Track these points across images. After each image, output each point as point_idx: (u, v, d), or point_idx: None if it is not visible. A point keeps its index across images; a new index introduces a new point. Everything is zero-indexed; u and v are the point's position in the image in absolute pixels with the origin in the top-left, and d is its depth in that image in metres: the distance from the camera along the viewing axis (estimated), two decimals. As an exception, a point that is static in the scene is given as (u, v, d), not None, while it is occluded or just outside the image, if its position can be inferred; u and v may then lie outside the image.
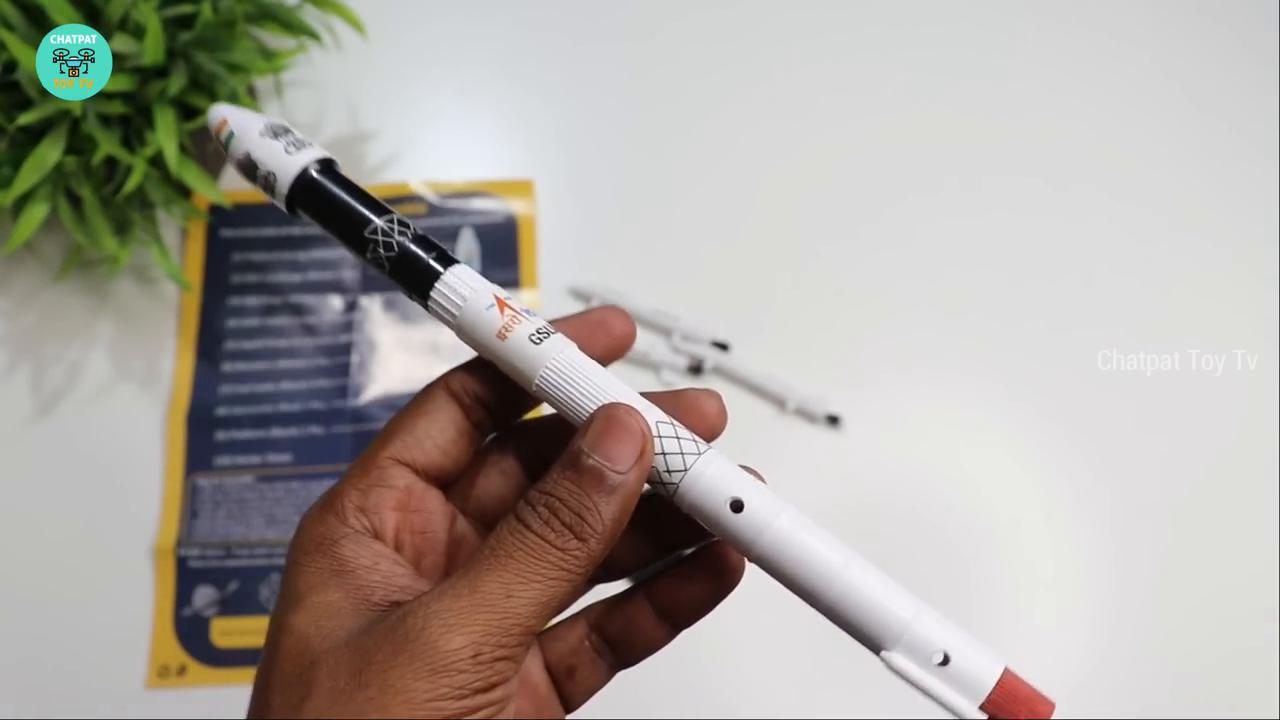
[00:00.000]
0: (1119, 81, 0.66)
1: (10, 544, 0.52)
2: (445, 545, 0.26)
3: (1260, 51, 0.67)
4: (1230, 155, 0.65)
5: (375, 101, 0.62)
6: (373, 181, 0.60)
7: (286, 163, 0.25)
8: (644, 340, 0.57)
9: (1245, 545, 0.55)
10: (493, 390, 0.26)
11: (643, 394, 0.25)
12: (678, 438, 0.24)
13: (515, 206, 0.60)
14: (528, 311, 0.25)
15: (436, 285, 0.25)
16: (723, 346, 0.57)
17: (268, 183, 0.26)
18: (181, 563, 0.52)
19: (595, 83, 0.64)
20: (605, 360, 0.26)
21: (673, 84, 0.64)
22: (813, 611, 0.24)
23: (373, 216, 0.25)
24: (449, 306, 0.25)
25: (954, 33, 0.67)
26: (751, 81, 0.65)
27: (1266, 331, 0.60)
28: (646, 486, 0.24)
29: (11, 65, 0.45)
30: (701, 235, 0.61)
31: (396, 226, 0.25)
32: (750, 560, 0.24)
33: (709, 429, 0.26)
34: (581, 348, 0.25)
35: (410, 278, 0.25)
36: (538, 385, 0.24)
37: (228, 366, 0.56)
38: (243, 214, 0.58)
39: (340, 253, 0.58)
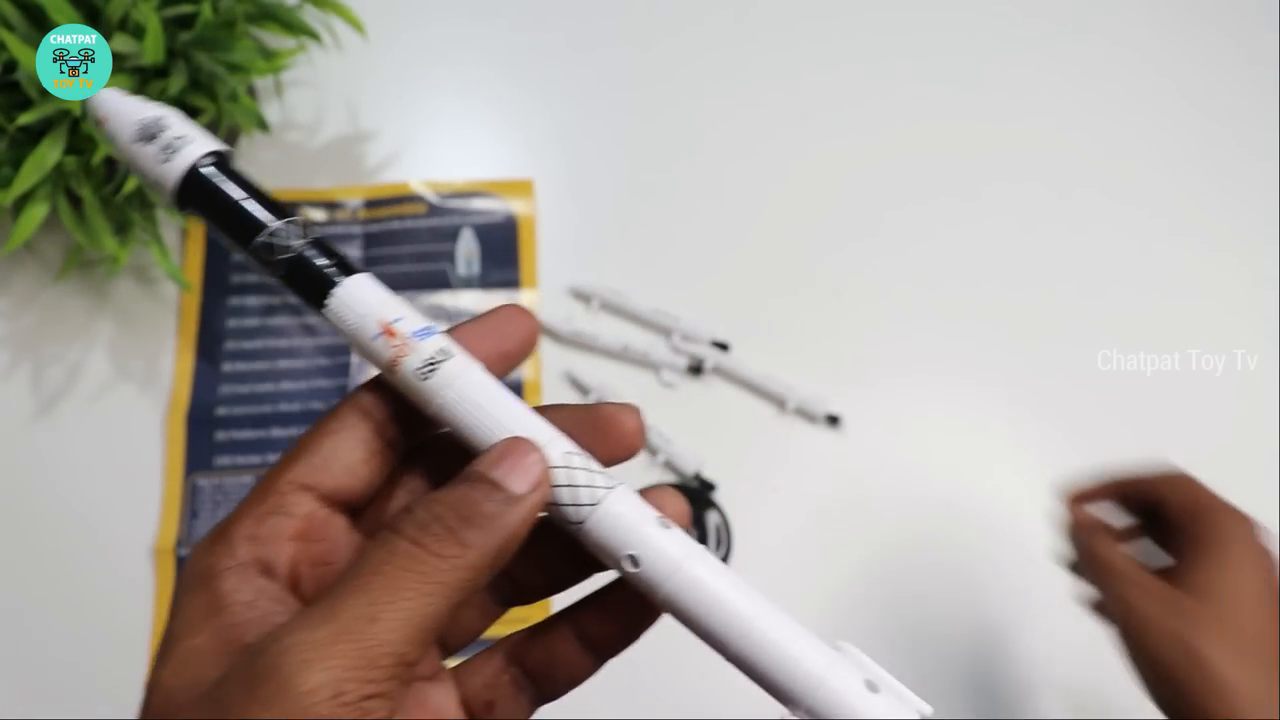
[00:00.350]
0: (1118, 85, 0.66)
1: (11, 544, 0.52)
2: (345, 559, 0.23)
3: (1259, 55, 0.67)
4: (1230, 157, 0.65)
5: (375, 101, 0.62)
6: (373, 181, 0.60)
7: (163, 172, 0.24)
8: (644, 340, 0.57)
9: (1245, 545, 0.55)
10: (407, 407, 0.24)
11: (556, 405, 0.24)
12: (588, 469, 0.22)
13: (515, 206, 0.60)
14: (422, 332, 0.23)
15: (327, 302, 0.23)
16: (723, 346, 0.57)
17: (155, 188, 0.24)
18: (181, 562, 0.52)
19: (595, 83, 0.64)
20: (513, 361, 0.24)
21: (673, 84, 0.64)
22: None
23: (265, 221, 0.24)
24: (340, 325, 0.23)
25: (954, 40, 0.67)
26: (752, 82, 0.65)
27: (1266, 331, 0.60)
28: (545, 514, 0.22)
29: (12, 65, 0.45)
30: (701, 235, 0.61)
31: (291, 231, 0.24)
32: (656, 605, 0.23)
33: (626, 447, 0.24)
34: (485, 354, 0.24)
35: (303, 288, 0.24)
36: (435, 416, 0.23)
37: (228, 366, 0.56)
38: (243, 214, 0.58)
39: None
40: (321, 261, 0.24)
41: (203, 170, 0.24)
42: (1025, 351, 0.59)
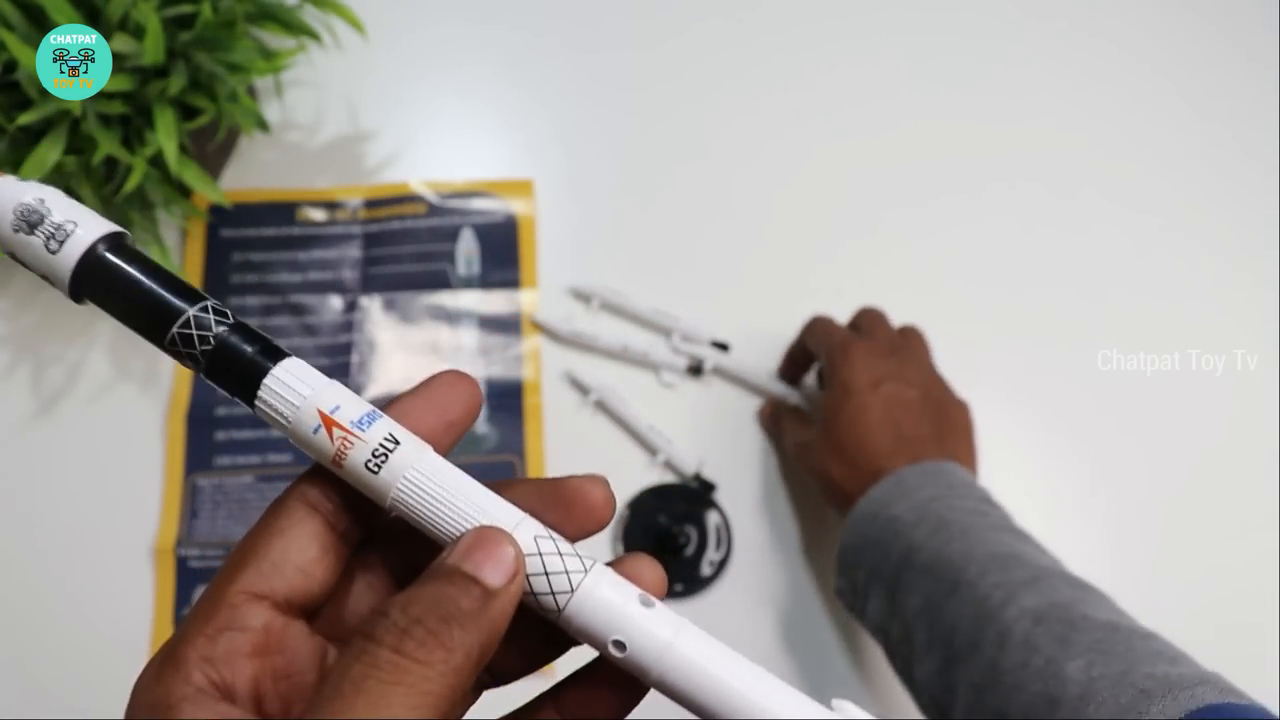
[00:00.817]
0: (1118, 85, 0.66)
1: (11, 543, 0.52)
2: (316, 689, 0.21)
3: (1259, 56, 0.67)
4: (1230, 158, 0.65)
5: (375, 101, 0.62)
6: (373, 181, 0.60)
7: (54, 264, 0.21)
8: (644, 340, 0.57)
9: (1245, 545, 0.55)
10: (351, 494, 0.22)
11: (518, 480, 0.23)
12: (559, 553, 0.21)
13: (515, 206, 0.60)
14: (365, 419, 0.21)
15: (259, 394, 0.21)
16: (723, 347, 0.57)
17: (45, 279, 0.22)
18: (181, 562, 0.52)
19: (595, 83, 0.64)
20: (459, 429, 0.23)
21: (673, 85, 0.64)
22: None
23: (179, 307, 0.21)
24: (277, 419, 0.21)
25: (955, 41, 0.67)
26: (753, 83, 0.65)
27: (1266, 332, 0.60)
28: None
29: (12, 65, 0.45)
30: (702, 235, 0.61)
31: (210, 317, 0.21)
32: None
33: (595, 521, 0.23)
34: (429, 427, 0.22)
35: (230, 380, 0.22)
36: (389, 510, 0.21)
37: (228, 366, 0.56)
38: (242, 214, 0.58)
39: (340, 253, 0.58)
40: (246, 348, 0.21)
41: (102, 255, 0.21)
42: (1025, 351, 0.59)
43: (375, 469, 0.21)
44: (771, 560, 0.53)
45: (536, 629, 0.22)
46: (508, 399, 0.56)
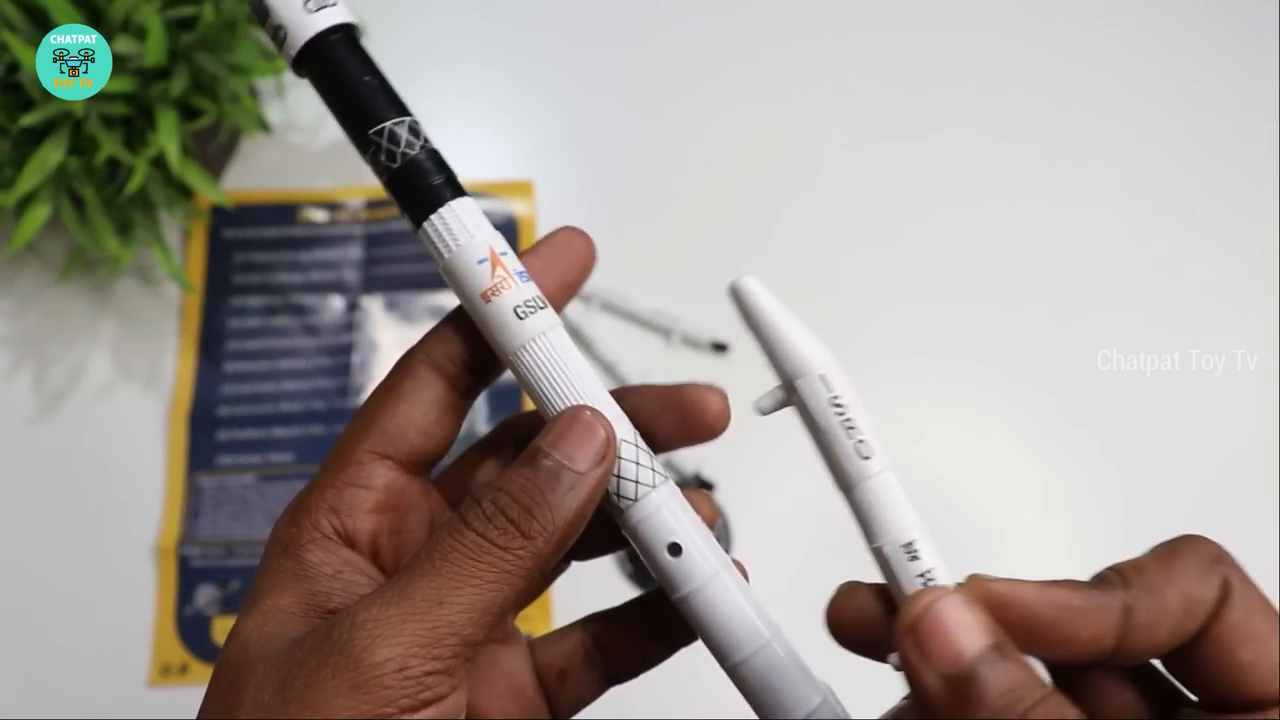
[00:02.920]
0: (1118, 84, 0.66)
1: (12, 543, 0.52)
2: (421, 522, 0.24)
3: (1260, 52, 0.67)
4: (1230, 157, 0.65)
5: (376, 102, 0.62)
6: (374, 182, 0.60)
7: (302, 21, 0.22)
8: (642, 343, 0.57)
9: (1245, 545, 0.55)
10: (477, 350, 0.24)
11: (639, 386, 0.24)
12: (637, 463, 0.22)
13: (515, 207, 0.60)
14: (522, 275, 0.23)
15: (431, 217, 0.22)
16: (722, 347, 0.57)
17: (277, 35, 0.22)
18: (183, 562, 0.52)
19: (596, 84, 0.64)
20: (573, 289, 0.24)
21: (673, 86, 0.64)
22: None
23: (384, 114, 0.23)
24: (439, 244, 0.22)
25: (959, 43, 0.67)
26: (752, 84, 0.65)
27: (1266, 331, 0.60)
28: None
29: (14, 67, 0.45)
30: (702, 236, 0.61)
31: (406, 134, 0.23)
32: (672, 602, 0.23)
33: (709, 427, 0.24)
34: (549, 286, 0.23)
35: (408, 197, 0.23)
36: (512, 361, 0.22)
37: (229, 366, 0.56)
38: (244, 215, 0.59)
39: (342, 254, 0.58)
40: (435, 176, 0.23)
41: (342, 39, 0.22)
42: (1026, 350, 0.59)
43: (522, 315, 0.22)
44: (771, 560, 0.53)
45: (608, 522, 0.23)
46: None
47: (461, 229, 0.22)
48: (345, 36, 0.23)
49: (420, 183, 0.23)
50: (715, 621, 0.22)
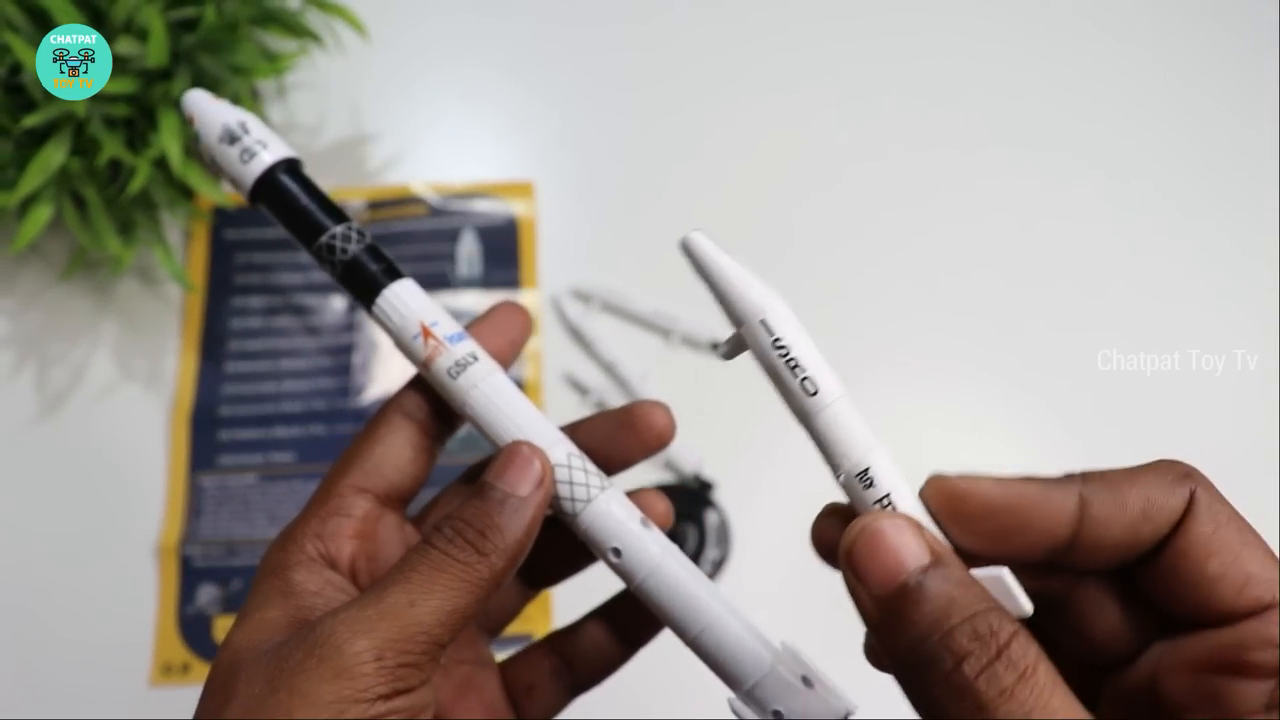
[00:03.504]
0: (1118, 83, 0.67)
1: (14, 543, 0.52)
2: (399, 551, 0.27)
3: (1258, 56, 0.67)
4: (1230, 154, 0.65)
5: (377, 103, 0.62)
6: (375, 183, 0.60)
7: (242, 171, 0.27)
8: (645, 341, 0.57)
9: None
10: (441, 401, 0.27)
11: (592, 416, 0.28)
12: (571, 482, 0.25)
13: (516, 208, 0.60)
14: (454, 338, 0.26)
15: (376, 303, 0.27)
16: (723, 347, 0.57)
17: (234, 184, 0.27)
18: (185, 561, 0.52)
19: (596, 84, 0.64)
20: (518, 348, 0.28)
21: (674, 86, 0.65)
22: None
23: (326, 225, 0.27)
24: (386, 324, 0.27)
25: (955, 39, 0.67)
26: (752, 84, 0.65)
27: (1266, 331, 0.60)
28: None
29: (16, 68, 0.45)
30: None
31: (347, 238, 0.27)
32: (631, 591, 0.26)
33: (658, 438, 0.27)
34: (497, 345, 0.27)
35: (357, 287, 0.27)
36: (460, 410, 0.26)
37: (231, 366, 0.56)
38: (246, 215, 0.59)
39: (342, 254, 0.59)
40: (373, 266, 0.27)
41: (278, 175, 0.27)
42: (1025, 351, 0.59)
43: (454, 375, 0.26)
44: (771, 560, 0.53)
45: (569, 542, 0.26)
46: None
47: (395, 311, 0.27)
48: (285, 169, 0.27)
49: (363, 274, 0.27)
50: (666, 603, 0.24)
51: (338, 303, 0.58)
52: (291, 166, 0.27)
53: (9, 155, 0.47)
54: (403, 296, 0.27)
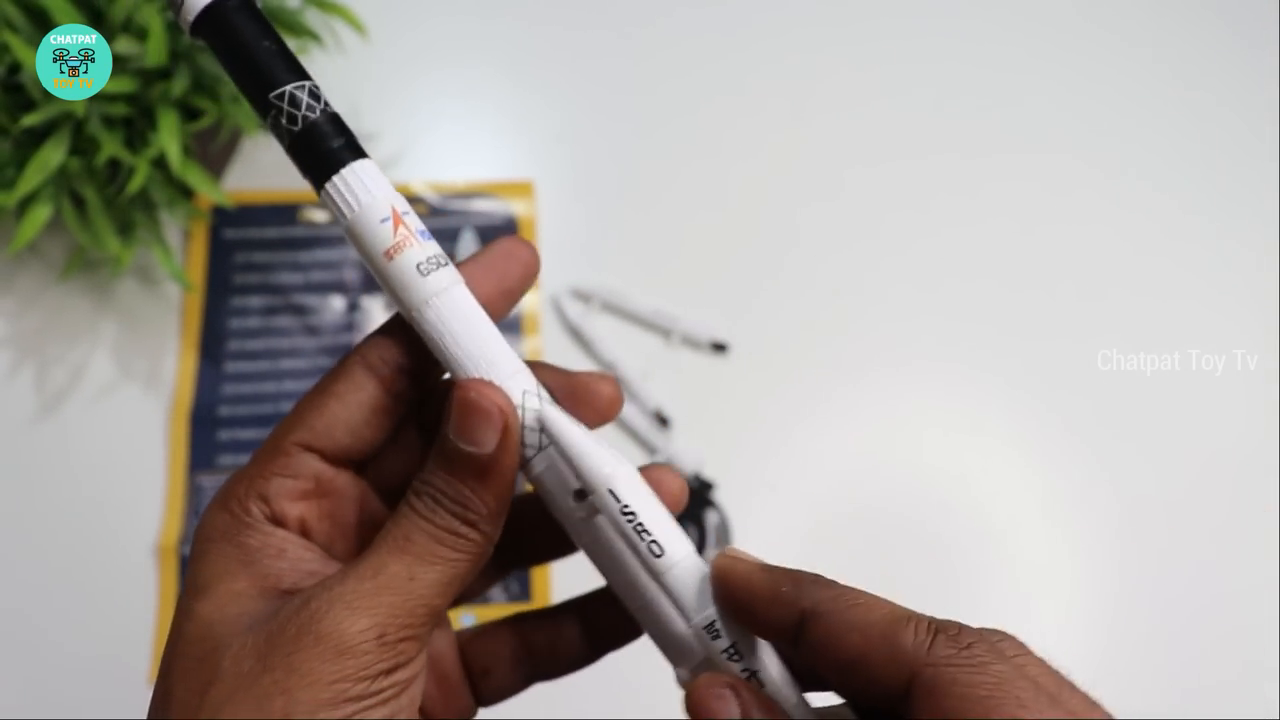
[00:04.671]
0: (1118, 83, 0.67)
1: (13, 543, 0.52)
2: (356, 527, 0.25)
3: (1259, 52, 0.67)
4: (1230, 155, 0.65)
5: (377, 103, 0.62)
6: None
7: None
8: (645, 341, 0.57)
9: (1246, 546, 0.55)
10: (414, 356, 0.24)
11: (539, 364, 0.25)
12: (544, 407, 0.23)
13: (516, 208, 0.60)
14: (424, 234, 0.23)
15: (334, 178, 0.23)
16: (722, 347, 0.57)
17: (173, 3, 0.23)
18: (184, 562, 0.52)
19: (596, 84, 0.64)
20: (513, 297, 0.25)
21: (673, 86, 0.65)
22: None
23: (284, 79, 0.23)
24: (341, 205, 0.23)
25: (954, 40, 0.67)
26: (753, 85, 0.65)
27: (1266, 331, 0.60)
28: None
29: (15, 67, 0.45)
30: (701, 236, 0.61)
31: (307, 98, 0.23)
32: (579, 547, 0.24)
33: (600, 415, 0.25)
34: (487, 291, 0.24)
35: (309, 160, 0.23)
36: (415, 319, 0.23)
37: (230, 366, 0.56)
38: (245, 215, 0.59)
39: (343, 254, 0.59)
40: (333, 139, 0.23)
41: (228, 8, 0.23)
42: (1025, 351, 0.59)
43: (424, 272, 0.22)
44: (770, 559, 0.53)
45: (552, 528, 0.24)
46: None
47: (363, 189, 0.23)
48: (242, 3, 0.23)
49: (321, 146, 0.23)
50: (609, 572, 0.23)
51: (337, 302, 0.58)
52: (248, 3, 0.23)
53: (8, 155, 0.47)
54: (370, 174, 0.23)
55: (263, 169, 0.60)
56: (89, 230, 0.50)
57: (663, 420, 0.55)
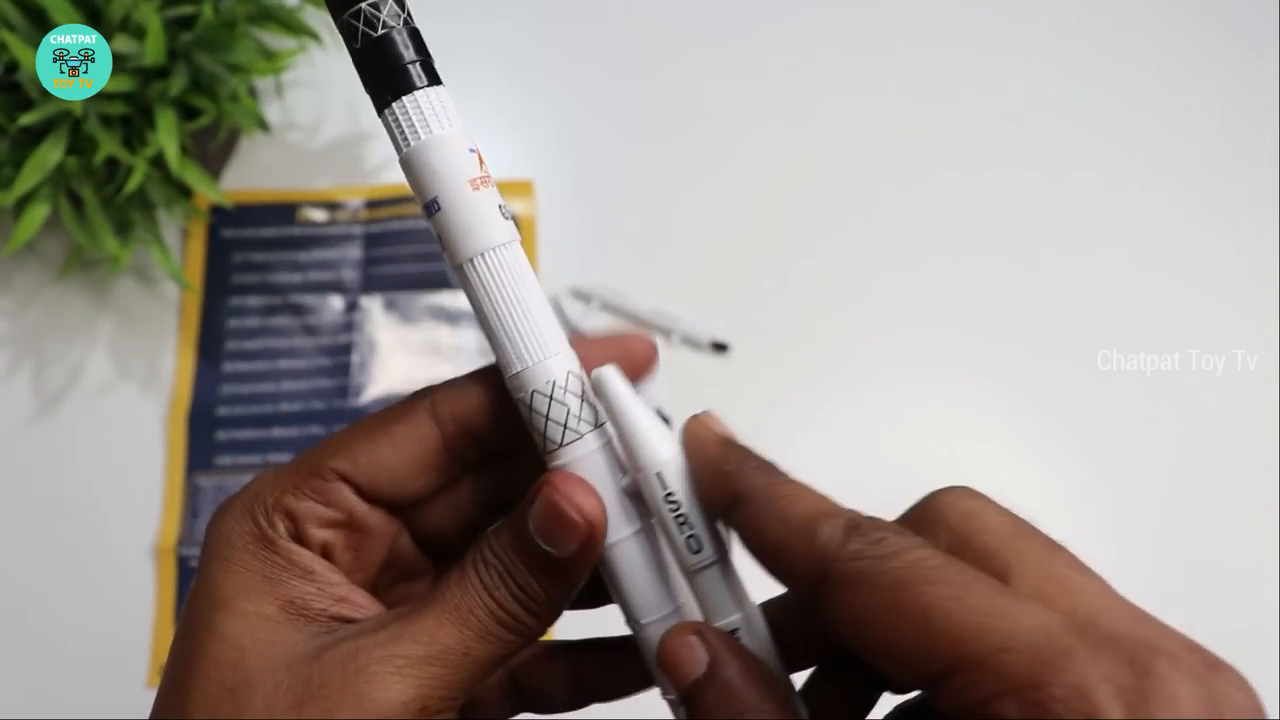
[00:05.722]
0: (1117, 83, 0.66)
1: (11, 543, 0.52)
2: (381, 564, 0.24)
3: (1258, 54, 0.67)
4: (1230, 155, 0.65)
5: (376, 102, 0.62)
6: (373, 182, 0.60)
7: None
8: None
9: (1246, 545, 0.55)
10: (488, 419, 0.23)
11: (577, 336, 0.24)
12: (581, 399, 0.22)
13: (515, 207, 0.60)
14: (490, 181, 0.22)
15: (407, 98, 0.21)
16: (722, 347, 0.57)
17: None
18: (183, 562, 0.52)
19: (595, 84, 0.64)
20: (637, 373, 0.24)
21: (672, 85, 0.64)
22: None
23: None
24: (407, 129, 0.21)
25: (950, 30, 0.67)
26: (750, 81, 0.65)
27: (1266, 331, 0.60)
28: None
29: (13, 66, 0.45)
30: (701, 235, 0.61)
31: (397, 8, 0.21)
32: None
33: (639, 370, 0.24)
34: (599, 358, 0.23)
35: (378, 73, 0.22)
36: (474, 264, 0.21)
37: (228, 366, 0.56)
38: (243, 214, 0.58)
39: (341, 253, 0.58)
40: (418, 56, 0.22)
41: None
42: (1025, 351, 0.59)
43: (505, 215, 0.21)
44: (771, 560, 0.53)
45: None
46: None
47: (452, 113, 0.22)
48: None
49: (395, 62, 0.22)
50: (618, 584, 0.22)
51: (336, 302, 0.58)
52: None
53: (5, 154, 0.47)
54: (446, 105, 0.22)
55: (261, 168, 0.60)
56: (87, 229, 0.50)
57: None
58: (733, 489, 0.21)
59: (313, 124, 0.62)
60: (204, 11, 0.46)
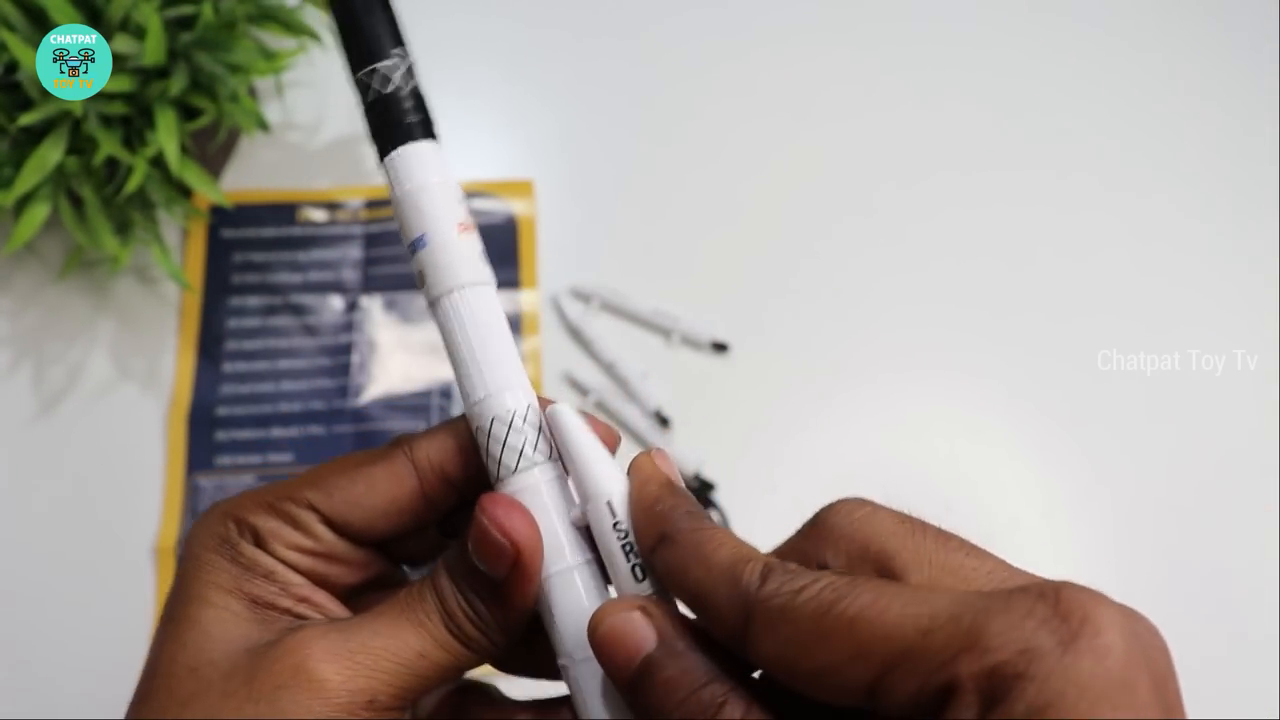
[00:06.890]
0: (1118, 83, 0.66)
1: (11, 543, 0.52)
2: (353, 581, 0.25)
3: (1258, 54, 0.67)
4: (1230, 155, 0.65)
5: (376, 102, 0.62)
6: (373, 182, 0.60)
7: None
8: (645, 341, 0.57)
9: (1246, 546, 0.55)
10: (462, 462, 0.24)
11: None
12: (529, 430, 0.23)
13: (515, 207, 0.60)
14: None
15: (406, 148, 0.24)
16: (722, 347, 0.57)
17: None
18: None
19: (595, 83, 0.64)
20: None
21: (672, 84, 0.64)
22: None
23: (382, 47, 0.24)
24: (404, 174, 0.24)
25: (952, 27, 0.67)
26: (750, 80, 0.65)
27: (1266, 331, 0.60)
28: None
29: (13, 66, 0.45)
30: (701, 235, 0.61)
31: (405, 69, 0.24)
32: None
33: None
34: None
35: (384, 125, 0.24)
36: (451, 301, 0.23)
37: (228, 366, 0.56)
38: (243, 214, 0.58)
39: (341, 253, 0.58)
40: (427, 111, 0.24)
41: None
42: (1025, 352, 0.59)
43: (486, 264, 0.24)
44: (771, 560, 0.53)
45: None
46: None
47: (448, 167, 0.24)
48: None
49: (421, 112, 0.24)
50: (552, 617, 0.23)
51: (336, 302, 0.58)
52: None
53: (5, 154, 0.47)
54: (443, 157, 0.24)
55: (261, 168, 0.60)
56: (87, 229, 0.50)
57: (663, 420, 0.55)
58: (660, 529, 0.21)
59: (313, 124, 0.62)
60: (204, 11, 0.46)
